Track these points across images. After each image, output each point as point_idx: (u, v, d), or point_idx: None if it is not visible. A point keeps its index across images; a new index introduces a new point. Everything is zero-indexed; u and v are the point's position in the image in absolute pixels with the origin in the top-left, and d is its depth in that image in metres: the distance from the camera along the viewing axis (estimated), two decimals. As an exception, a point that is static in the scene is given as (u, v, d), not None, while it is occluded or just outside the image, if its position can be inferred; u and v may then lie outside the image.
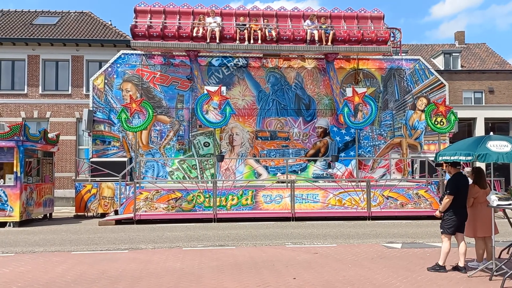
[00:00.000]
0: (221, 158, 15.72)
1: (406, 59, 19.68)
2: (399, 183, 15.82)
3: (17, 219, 13.22)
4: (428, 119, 16.10)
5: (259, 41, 16.64)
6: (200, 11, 17.31)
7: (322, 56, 19.01)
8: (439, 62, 30.52)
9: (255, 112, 18.52)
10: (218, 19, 16.82)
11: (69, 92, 22.48)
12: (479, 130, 24.17)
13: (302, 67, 18.85)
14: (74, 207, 16.62)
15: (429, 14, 79.74)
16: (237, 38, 16.63)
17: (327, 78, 18.91)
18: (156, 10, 17.15)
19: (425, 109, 16.88)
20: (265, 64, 18.78)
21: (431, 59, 30.92)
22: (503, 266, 6.42)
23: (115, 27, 24.14)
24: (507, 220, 7.42)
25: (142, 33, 16.39)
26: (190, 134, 18.15)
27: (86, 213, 15.89)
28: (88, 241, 10.40)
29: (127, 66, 18.17)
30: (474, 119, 24.68)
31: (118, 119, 16.14)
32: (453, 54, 30.53)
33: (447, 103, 17.21)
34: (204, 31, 16.51)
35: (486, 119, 24.65)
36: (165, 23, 16.72)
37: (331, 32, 16.95)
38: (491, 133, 7.17)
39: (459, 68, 30.32)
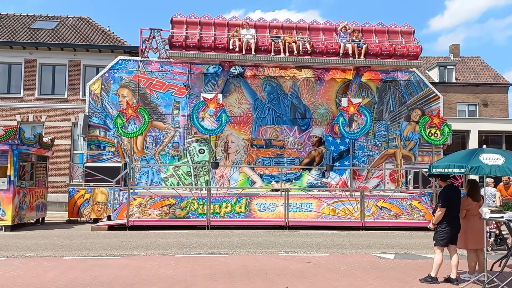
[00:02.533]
0: (215, 165, 15.72)
1: (401, 71, 19.83)
2: (392, 193, 15.86)
3: (9, 223, 13.13)
4: (422, 130, 16.21)
5: (294, 53, 16.72)
6: (234, 23, 17.37)
7: (320, 66, 19.14)
8: (434, 75, 30.78)
9: (250, 120, 18.57)
10: (252, 31, 16.90)
11: (65, 96, 22.44)
12: (473, 142, 24.32)
13: (298, 77, 18.94)
14: (67, 212, 16.53)
15: (427, 26, 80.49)
16: (272, 50, 16.69)
17: (323, 88, 19.02)
18: (192, 21, 17.14)
19: (420, 120, 17.00)
20: (261, 72, 18.87)
21: (426, 71, 31.19)
22: (495, 279, 6.46)
23: (113, 33, 24.19)
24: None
25: (179, 44, 16.34)
26: (186, 140, 18.16)
27: (79, 218, 15.81)
28: (80, 246, 10.34)
29: (124, 72, 18.21)
30: (467, 132, 24.84)
31: (113, 125, 16.13)
32: (448, 66, 30.81)
33: (441, 115, 17.35)
34: (240, 43, 16.59)
35: (479, 131, 24.83)
36: (201, 34, 16.74)
37: (364, 46, 17.03)
38: (484, 146, 7.24)
39: (454, 80, 30.59)
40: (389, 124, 19.18)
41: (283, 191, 14.71)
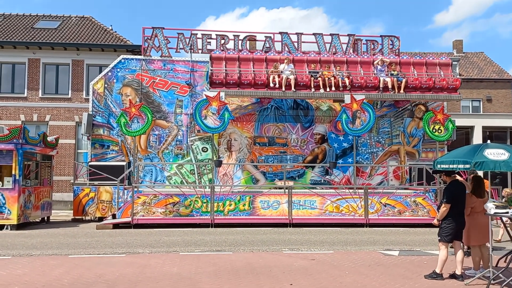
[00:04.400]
0: (219, 163, 15.76)
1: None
2: (396, 190, 15.85)
3: (14, 222, 13.20)
4: (426, 126, 16.17)
5: (333, 88, 16.56)
6: (272, 57, 17.27)
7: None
8: (438, 71, 30.64)
9: (253, 118, 18.57)
10: (292, 66, 16.81)
11: (69, 96, 22.51)
12: (477, 138, 24.25)
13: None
14: (72, 211, 16.61)
15: (432, 22, 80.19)
16: (311, 86, 16.55)
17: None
18: (231, 57, 17.07)
19: (423, 116, 16.96)
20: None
21: (430, 67, 31.03)
22: (500, 275, 6.45)
23: (115, 32, 24.22)
24: (503, 228, 7.46)
25: (219, 81, 16.21)
26: (189, 139, 18.18)
27: (84, 217, 15.88)
28: (85, 244, 10.39)
29: (127, 70, 18.24)
30: (472, 128, 24.76)
31: (117, 123, 16.17)
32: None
33: (445, 111, 17.31)
34: (279, 79, 16.46)
35: (483, 127, 24.74)
36: (241, 71, 16.65)
37: (403, 80, 16.86)
38: (489, 142, 7.22)
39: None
40: (392, 120, 19.12)
41: (286, 188, 14.72)
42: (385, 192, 15.32)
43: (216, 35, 18.52)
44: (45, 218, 15.49)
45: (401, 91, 16.86)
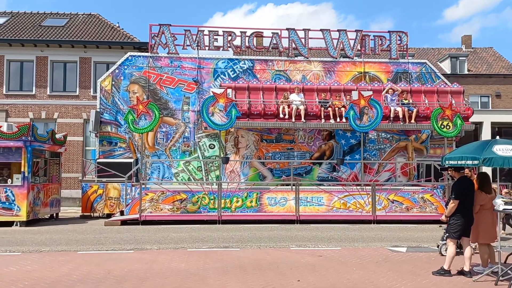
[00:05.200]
0: (226, 160, 15.77)
1: (413, 62, 19.66)
2: (404, 187, 15.77)
3: (24, 218, 13.33)
4: (434, 122, 16.06)
5: (343, 119, 16.30)
6: (282, 87, 17.20)
7: (330, 59, 19.06)
8: (446, 66, 30.45)
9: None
10: (301, 95, 16.68)
11: (77, 93, 22.65)
12: (486, 134, 24.08)
13: (308, 70, 18.88)
14: (80, 207, 16.74)
15: (441, 17, 79.53)
16: (322, 116, 16.42)
17: (333, 81, 18.94)
18: (240, 86, 17.00)
19: (432, 112, 16.83)
20: (271, 67, 18.83)
21: (438, 63, 30.85)
22: (509, 271, 6.41)
23: (122, 29, 24.30)
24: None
25: None
26: (196, 136, 18.22)
27: (92, 214, 15.99)
28: (94, 241, 10.47)
29: (134, 68, 18.30)
30: (480, 123, 24.57)
31: (124, 121, 16.22)
32: (460, 58, 30.45)
33: (453, 107, 17.14)
34: (289, 110, 16.30)
35: (492, 123, 24.56)
36: (250, 101, 16.54)
37: (415, 110, 16.64)
38: (497, 137, 7.16)
39: (466, 72, 30.22)
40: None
41: (293, 185, 14.71)
42: (392, 188, 15.26)
43: (223, 31, 18.51)
44: (54, 215, 15.62)
45: (412, 120, 16.63)
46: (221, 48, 18.53)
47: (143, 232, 11.84)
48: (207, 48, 18.44)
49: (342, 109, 16.49)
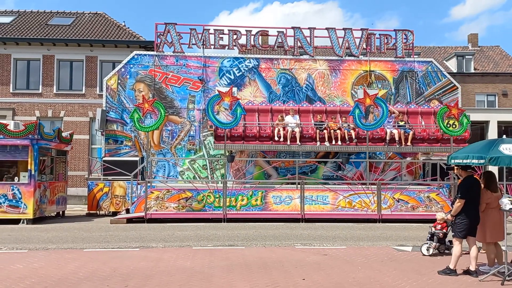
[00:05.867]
0: (231, 158, 15.78)
1: (419, 61, 19.58)
2: (410, 186, 15.72)
3: (30, 216, 13.42)
4: (440, 121, 15.98)
5: (339, 141, 16.19)
6: (278, 108, 17.13)
7: (336, 58, 19.03)
8: (452, 65, 30.29)
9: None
10: (297, 117, 16.58)
11: (83, 92, 22.75)
12: (492, 133, 23.93)
13: (313, 69, 18.87)
14: (86, 205, 16.82)
15: (448, 15, 79.07)
16: (317, 139, 16.25)
17: (338, 80, 18.90)
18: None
19: (438, 111, 16.76)
20: (276, 65, 18.83)
21: (444, 61, 30.69)
22: (515, 271, 6.38)
23: (128, 28, 24.38)
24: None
25: (223, 134, 15.81)
26: (201, 134, 18.26)
27: (98, 212, 16.08)
28: (100, 239, 10.53)
29: (140, 66, 18.35)
30: (487, 122, 24.43)
31: (130, 119, 16.28)
32: (466, 56, 30.28)
33: (459, 106, 17.04)
34: (284, 132, 16.13)
35: (499, 122, 24.40)
36: (246, 124, 16.39)
37: (411, 132, 16.43)
38: (504, 136, 7.12)
39: (472, 70, 30.05)
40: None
41: (299, 184, 14.70)
42: (398, 187, 15.21)
43: (229, 30, 18.53)
44: (60, 213, 15.71)
45: (408, 143, 16.38)
46: (227, 47, 18.55)
47: (148, 230, 11.89)
48: (212, 46, 18.47)
49: (338, 131, 16.30)
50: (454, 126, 15.85)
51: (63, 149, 15.95)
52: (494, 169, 16.31)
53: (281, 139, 16.10)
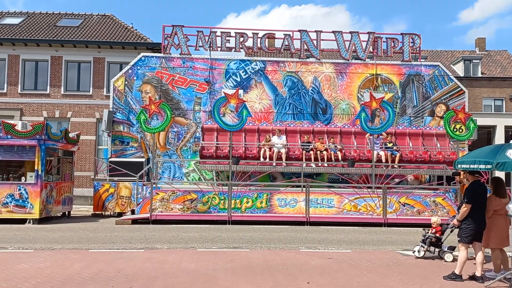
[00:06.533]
0: (236, 161, 15.79)
1: (426, 65, 19.53)
2: (415, 190, 15.65)
3: (36, 216, 13.50)
4: (447, 126, 15.90)
5: (325, 163, 16.12)
6: (265, 128, 17.12)
7: (342, 61, 19.02)
8: (459, 69, 30.15)
9: (271, 116, 18.57)
10: (284, 138, 16.55)
11: (90, 93, 22.89)
12: (499, 138, 23.77)
13: (319, 72, 18.87)
14: (92, 206, 16.90)
15: (456, 19, 78.79)
16: (303, 159, 16.16)
17: (345, 83, 18.89)
18: (223, 128, 17.11)
19: (444, 115, 16.65)
20: (282, 68, 18.85)
21: (451, 65, 30.56)
22: (521, 277, 6.33)
23: (136, 30, 24.51)
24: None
25: (210, 155, 15.96)
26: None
27: (103, 212, 16.14)
28: (105, 239, 10.56)
29: (147, 68, 18.45)
30: (494, 127, 24.28)
31: (137, 120, 16.34)
32: (473, 60, 30.13)
33: (466, 110, 16.96)
34: (270, 153, 16.10)
35: (506, 127, 24.24)
36: (231, 144, 16.22)
37: (398, 154, 16.32)
38: (511, 142, 7.07)
39: (479, 75, 29.89)
40: (412, 119, 18.90)
41: (304, 186, 14.68)
42: (404, 191, 15.14)
43: (235, 33, 18.60)
44: (66, 213, 15.79)
45: (395, 165, 16.26)
46: (233, 49, 18.62)
47: (153, 231, 11.91)
48: (219, 49, 18.53)
49: (324, 152, 16.22)
50: (461, 130, 15.76)
51: (69, 150, 16.04)
52: (501, 174, 16.20)
53: (267, 160, 16.05)
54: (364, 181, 17.67)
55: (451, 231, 8.72)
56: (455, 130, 15.78)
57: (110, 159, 17.24)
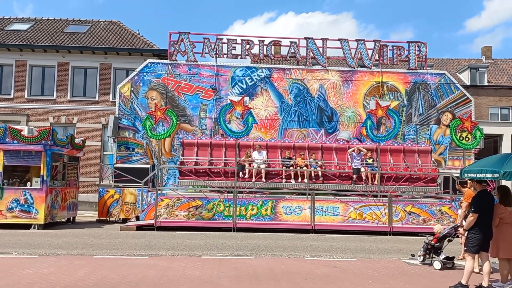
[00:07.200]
0: (242, 167, 15.77)
1: (432, 73, 19.50)
2: (421, 198, 15.54)
3: (41, 221, 13.52)
4: (453, 134, 15.84)
5: (305, 179, 15.88)
6: (245, 143, 16.96)
7: (348, 69, 19.02)
8: (465, 77, 30.06)
9: (277, 123, 18.58)
10: (264, 154, 16.44)
11: (96, 98, 23.00)
12: (506, 147, 23.64)
13: (325, 80, 18.87)
14: (96, 212, 16.90)
15: (463, 27, 78.72)
16: (283, 176, 16.03)
17: (350, 90, 18.88)
18: (203, 143, 16.84)
19: (450, 124, 16.61)
20: (288, 75, 18.88)
21: (457, 73, 30.48)
22: (529, 288, 6.25)
23: (142, 36, 24.65)
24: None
25: (189, 170, 15.97)
26: (212, 143, 18.27)
27: (108, 218, 16.14)
28: (109, 245, 10.55)
29: (153, 74, 18.53)
30: (500, 136, 24.15)
31: (142, 126, 16.41)
32: (480, 69, 30.05)
33: (473, 118, 16.90)
34: (250, 169, 16.01)
35: (513, 136, 24.09)
36: (212, 159, 16.35)
37: (378, 171, 16.10)
38: (519, 151, 7.02)
39: (486, 83, 29.78)
40: (418, 127, 18.83)
41: (309, 194, 14.63)
42: (409, 200, 15.05)
43: (241, 40, 18.67)
44: (71, 219, 15.81)
45: (375, 182, 16.05)
46: (239, 56, 18.69)
47: (158, 238, 11.89)
48: (225, 56, 18.61)
49: (304, 168, 16.04)
50: (467, 139, 15.69)
51: (75, 155, 16.09)
52: (507, 183, 16.09)
53: (246, 176, 15.86)
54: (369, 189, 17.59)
55: (449, 241, 8.76)
56: (461, 138, 15.72)
57: (115, 165, 17.27)
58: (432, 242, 8.82)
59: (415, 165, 17.09)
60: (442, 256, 8.61)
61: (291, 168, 16.09)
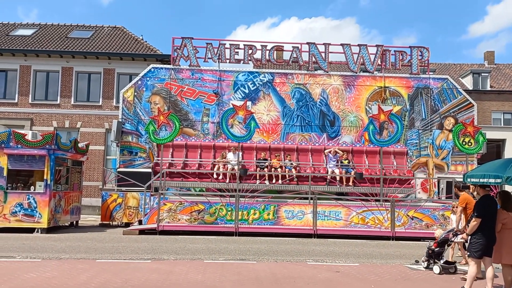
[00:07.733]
0: (244, 172, 15.80)
1: (434, 78, 19.51)
2: (424, 203, 15.53)
3: (45, 225, 13.57)
4: (456, 139, 15.82)
5: (280, 181, 16.16)
6: (221, 145, 17.18)
7: (350, 74, 19.06)
8: (468, 82, 30.05)
9: (279, 127, 18.61)
10: (239, 154, 16.47)
11: (100, 103, 23.09)
12: (509, 151, 23.57)
13: (328, 84, 18.91)
14: (99, 216, 16.95)
15: (466, 32, 78.74)
16: (257, 177, 16.16)
17: (353, 95, 18.91)
18: (178, 144, 17.08)
19: (453, 129, 16.58)
20: (290, 80, 18.93)
21: (460, 78, 30.48)
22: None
23: (146, 41, 24.77)
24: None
25: (176, 172, 16.10)
26: (215, 147, 18.30)
27: (111, 222, 16.18)
28: (112, 249, 10.58)
29: (156, 79, 18.62)
30: (503, 141, 24.09)
31: (145, 131, 16.47)
32: (482, 74, 30.04)
33: (475, 123, 16.89)
34: (224, 169, 16.18)
35: (516, 141, 24.03)
36: (186, 160, 16.48)
37: (353, 172, 16.30)
38: (521, 156, 7.02)
39: (488, 88, 29.76)
40: (421, 132, 18.83)
41: (311, 199, 14.63)
42: (412, 205, 15.03)
43: (244, 45, 18.75)
44: (74, 223, 15.85)
45: (350, 183, 16.17)
46: (242, 61, 18.76)
47: (160, 242, 11.91)
48: (228, 61, 18.69)
49: (279, 169, 16.13)
50: (470, 144, 15.67)
51: (78, 160, 16.16)
52: (509, 188, 16.07)
53: (220, 177, 15.95)
54: (372, 193, 17.58)
55: (449, 245, 8.78)
56: (464, 143, 15.68)
57: (118, 169, 17.33)
58: (433, 247, 8.82)
59: (391, 166, 17.13)
60: (442, 261, 8.61)
61: (266, 169, 16.30)
